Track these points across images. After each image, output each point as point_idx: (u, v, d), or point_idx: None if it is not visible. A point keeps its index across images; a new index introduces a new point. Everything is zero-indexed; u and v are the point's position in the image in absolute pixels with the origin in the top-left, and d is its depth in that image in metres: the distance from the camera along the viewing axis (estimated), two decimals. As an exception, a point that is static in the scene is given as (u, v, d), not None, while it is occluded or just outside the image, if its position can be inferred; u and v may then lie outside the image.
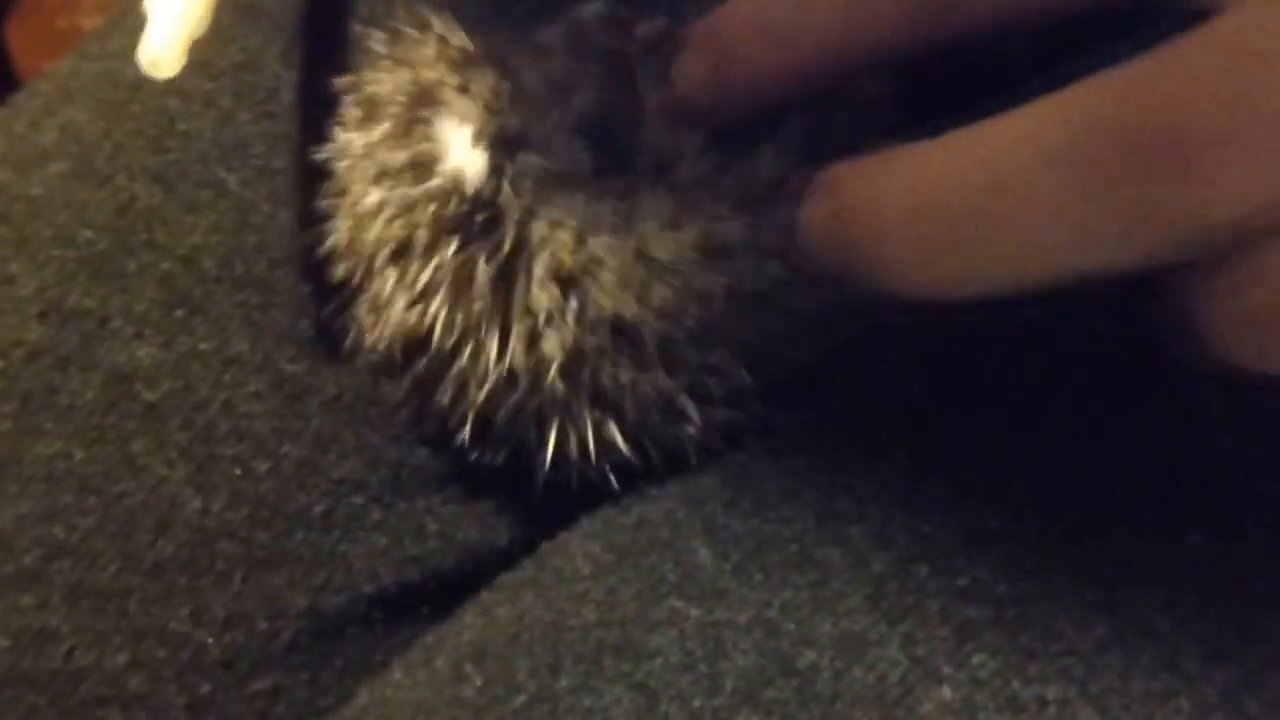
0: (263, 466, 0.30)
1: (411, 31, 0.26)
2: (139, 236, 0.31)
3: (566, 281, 0.24)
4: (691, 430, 0.26)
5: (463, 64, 0.26)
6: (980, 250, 0.20)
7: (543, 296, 0.24)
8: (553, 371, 0.24)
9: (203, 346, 0.30)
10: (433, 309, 0.25)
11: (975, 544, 0.25)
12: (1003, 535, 0.25)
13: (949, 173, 0.21)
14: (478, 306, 0.24)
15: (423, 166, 0.25)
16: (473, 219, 0.24)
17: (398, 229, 0.25)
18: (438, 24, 0.26)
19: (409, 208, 0.25)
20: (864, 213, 0.22)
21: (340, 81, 0.27)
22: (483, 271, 0.24)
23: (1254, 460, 0.26)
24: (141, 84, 0.34)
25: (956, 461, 0.26)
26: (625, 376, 0.25)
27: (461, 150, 0.24)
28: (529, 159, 0.25)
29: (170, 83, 0.34)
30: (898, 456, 0.26)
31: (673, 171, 0.26)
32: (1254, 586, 0.25)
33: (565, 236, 0.24)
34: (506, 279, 0.24)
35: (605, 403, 0.25)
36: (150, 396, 0.30)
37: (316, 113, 0.29)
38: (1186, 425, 0.27)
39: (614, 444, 0.26)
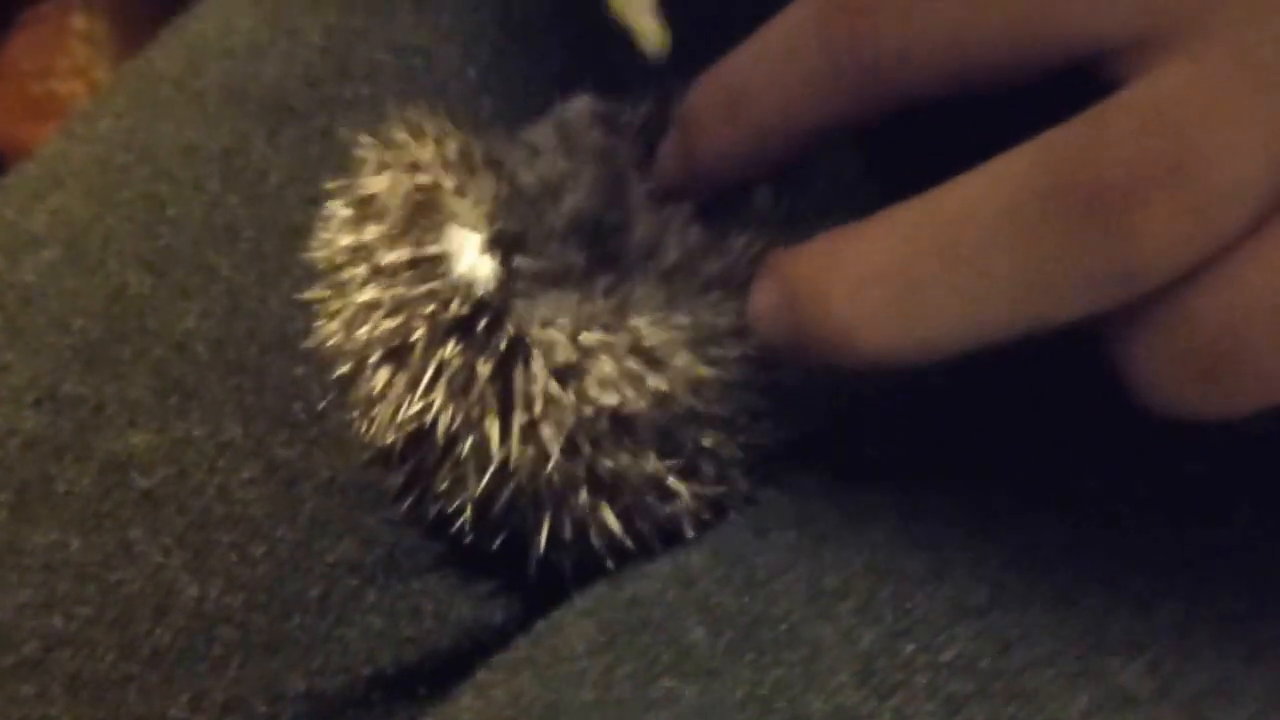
0: (258, 551, 0.30)
1: (406, 137, 0.27)
2: (131, 323, 0.32)
3: (563, 376, 0.25)
4: (684, 507, 0.27)
5: (460, 167, 0.26)
6: (922, 315, 0.21)
7: (540, 391, 0.25)
8: (551, 464, 0.25)
9: (196, 432, 0.31)
10: (430, 405, 0.25)
11: (960, 618, 0.26)
12: (986, 607, 0.26)
13: (887, 246, 0.22)
14: (476, 402, 0.25)
15: (424, 268, 0.25)
16: (474, 321, 0.25)
17: (393, 327, 0.25)
18: (432, 128, 0.27)
19: (406, 307, 0.25)
20: (807, 294, 0.22)
21: (333, 184, 0.28)
22: (482, 370, 0.25)
23: (1231, 504, 0.27)
24: (130, 168, 0.34)
25: (937, 532, 0.27)
26: (621, 462, 0.26)
27: (472, 256, 0.25)
28: (525, 262, 0.26)
29: (159, 168, 0.35)
30: (881, 528, 0.27)
31: (660, 260, 0.27)
32: (1234, 649, 0.26)
33: (560, 334, 0.25)
34: (505, 375, 0.25)
35: (601, 487, 0.26)
36: (145, 483, 0.30)
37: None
38: (1157, 478, 0.27)
39: (609, 526, 0.27)
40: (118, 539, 0.30)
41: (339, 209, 0.27)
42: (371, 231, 0.26)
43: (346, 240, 0.26)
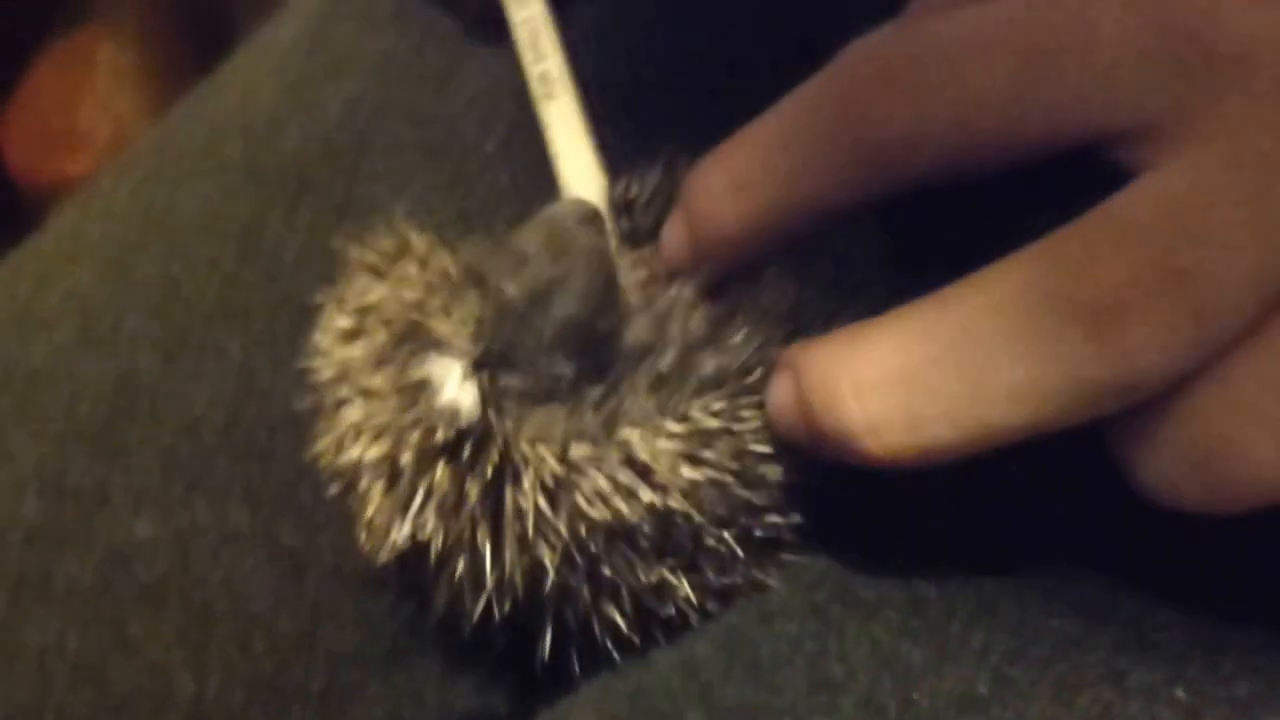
0: (260, 643, 0.30)
1: (393, 247, 0.27)
2: (140, 407, 0.31)
3: (554, 493, 0.25)
4: (687, 602, 0.27)
5: (443, 286, 0.26)
6: (926, 422, 0.22)
7: (531, 509, 0.24)
8: (549, 581, 0.25)
9: (201, 520, 0.30)
10: (422, 526, 0.25)
11: (962, 710, 0.25)
12: (987, 700, 0.25)
13: (893, 352, 0.22)
14: (468, 523, 0.25)
15: (409, 395, 0.25)
16: (460, 445, 0.24)
17: (381, 450, 0.25)
18: (417, 244, 0.26)
19: (393, 431, 0.25)
20: (818, 396, 0.23)
21: (323, 294, 0.27)
22: (472, 491, 0.24)
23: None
24: (146, 246, 0.34)
25: (938, 623, 0.26)
26: (620, 568, 0.25)
27: (454, 386, 0.25)
28: (512, 380, 0.25)
29: (174, 246, 0.34)
30: (883, 618, 0.27)
31: (655, 362, 0.26)
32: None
33: (549, 451, 0.25)
34: (495, 495, 0.25)
35: (602, 589, 0.26)
36: (147, 575, 0.30)
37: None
38: (1171, 568, 0.27)
39: (613, 622, 0.26)
40: (116, 634, 0.29)
41: (328, 321, 0.27)
42: (358, 350, 0.26)
43: (336, 356, 0.26)
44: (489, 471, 0.24)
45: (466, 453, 0.24)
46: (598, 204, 0.28)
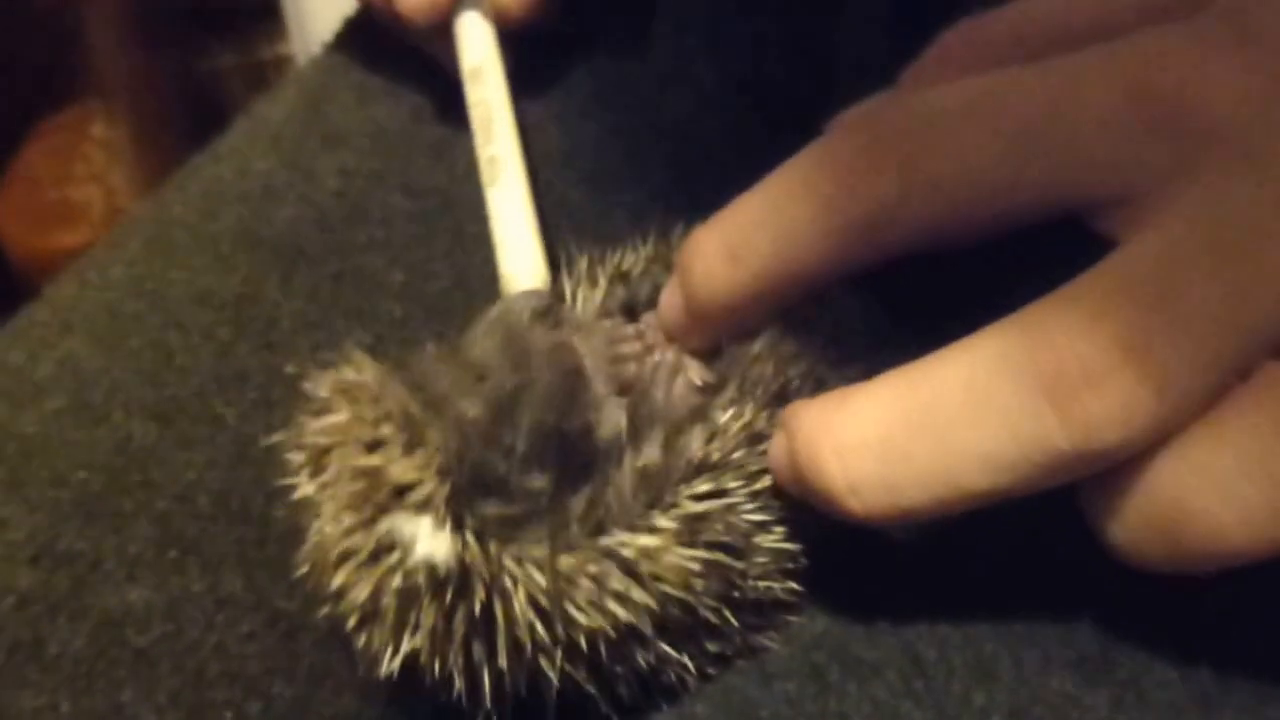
0: (255, 708, 0.29)
1: (347, 386, 0.26)
2: (134, 475, 0.31)
3: (546, 610, 0.24)
4: (685, 670, 0.27)
5: (402, 421, 0.25)
6: (899, 486, 0.23)
7: (525, 627, 0.24)
8: (553, 683, 0.25)
9: (195, 587, 0.30)
10: (415, 652, 0.24)
11: None
12: None
13: (871, 418, 0.23)
14: (460, 645, 0.24)
15: (382, 549, 0.24)
16: (443, 588, 0.24)
17: (362, 593, 0.24)
18: (373, 380, 0.26)
19: (372, 577, 0.24)
20: (804, 456, 0.24)
21: (282, 435, 0.27)
22: (460, 624, 0.24)
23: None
24: (141, 316, 0.34)
25: (938, 686, 0.26)
26: (619, 655, 0.25)
27: (426, 542, 0.24)
28: (489, 508, 0.25)
29: (170, 315, 0.35)
30: (883, 680, 0.26)
31: (635, 458, 0.26)
32: None
33: (537, 569, 0.24)
34: (486, 617, 0.24)
35: (603, 671, 0.25)
36: (141, 642, 0.29)
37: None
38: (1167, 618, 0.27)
39: (614, 694, 0.26)
40: (109, 701, 0.29)
41: (291, 459, 0.26)
42: (326, 498, 0.25)
43: (305, 490, 0.26)
44: (476, 605, 0.24)
45: (450, 594, 0.24)
46: (543, 292, 0.28)
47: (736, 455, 0.26)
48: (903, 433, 0.22)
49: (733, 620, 0.26)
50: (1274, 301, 0.21)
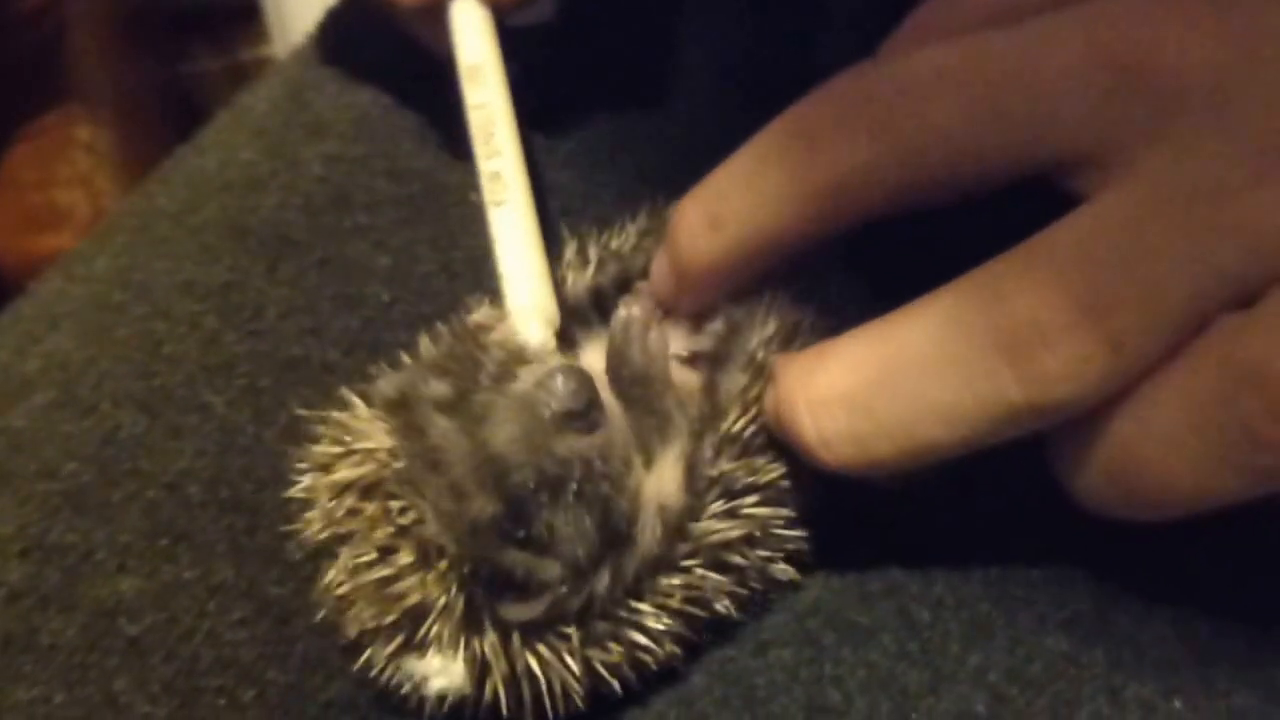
0: (248, 695, 0.29)
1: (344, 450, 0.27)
2: (123, 466, 0.31)
3: (573, 679, 0.26)
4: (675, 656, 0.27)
5: (416, 534, 0.25)
6: (868, 438, 0.24)
7: (550, 695, 0.25)
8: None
9: (187, 575, 0.30)
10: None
11: None
12: (987, 718, 0.25)
13: (840, 374, 0.24)
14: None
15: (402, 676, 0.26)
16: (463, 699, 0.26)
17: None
18: (374, 439, 0.26)
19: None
20: (784, 410, 0.25)
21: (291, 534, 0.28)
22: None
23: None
24: (127, 307, 0.34)
25: (934, 645, 0.26)
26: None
27: (443, 677, 0.25)
28: (514, 612, 0.25)
29: (156, 305, 0.34)
30: (879, 644, 0.27)
31: (645, 534, 0.26)
32: None
33: (568, 653, 0.25)
34: (513, 693, 0.26)
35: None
36: (133, 631, 0.29)
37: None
38: (1164, 591, 0.27)
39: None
40: (103, 690, 0.29)
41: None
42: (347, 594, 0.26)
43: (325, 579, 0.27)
44: (502, 692, 0.25)
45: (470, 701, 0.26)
46: (551, 330, 0.28)
47: (738, 463, 0.26)
48: (866, 389, 0.23)
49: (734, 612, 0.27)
50: (1233, 258, 0.21)
